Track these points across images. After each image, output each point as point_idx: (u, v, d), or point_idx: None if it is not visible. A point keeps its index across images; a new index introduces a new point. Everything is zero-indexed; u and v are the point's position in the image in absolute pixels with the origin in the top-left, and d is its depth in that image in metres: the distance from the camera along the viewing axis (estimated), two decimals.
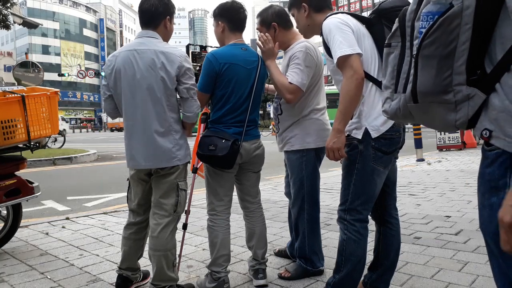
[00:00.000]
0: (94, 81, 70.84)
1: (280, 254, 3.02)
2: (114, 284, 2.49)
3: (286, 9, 2.53)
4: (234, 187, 2.53)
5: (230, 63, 2.28)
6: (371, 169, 1.98)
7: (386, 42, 1.16)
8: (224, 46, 2.41)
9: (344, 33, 1.90)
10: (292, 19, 2.49)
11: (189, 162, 2.35)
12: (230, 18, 2.39)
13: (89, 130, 56.04)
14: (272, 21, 2.50)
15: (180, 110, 2.29)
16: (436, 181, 6.12)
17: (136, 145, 2.22)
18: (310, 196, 2.53)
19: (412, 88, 1.00)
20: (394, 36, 1.11)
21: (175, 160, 2.22)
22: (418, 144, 8.94)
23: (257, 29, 2.61)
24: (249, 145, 2.39)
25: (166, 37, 2.33)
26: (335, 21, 1.95)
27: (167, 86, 2.15)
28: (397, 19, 1.12)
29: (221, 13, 2.41)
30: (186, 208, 2.62)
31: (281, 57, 2.71)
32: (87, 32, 74.25)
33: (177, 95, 2.25)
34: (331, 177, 6.96)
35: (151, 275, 2.34)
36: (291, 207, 2.67)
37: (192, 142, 2.53)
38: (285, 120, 2.54)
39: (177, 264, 2.38)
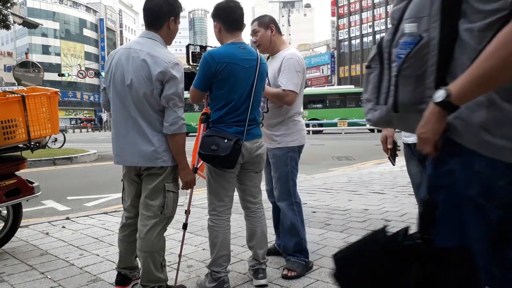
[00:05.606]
0: (94, 81, 70.77)
1: (269, 252, 3.02)
2: (115, 282, 2.50)
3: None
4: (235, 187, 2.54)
5: (227, 63, 2.28)
6: None
7: (367, 64, 1.39)
8: (222, 45, 2.41)
9: None
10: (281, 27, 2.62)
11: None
12: (225, 18, 2.39)
13: (89, 130, 56.04)
14: (270, 23, 2.71)
15: None
16: None
17: (122, 142, 2.23)
18: (295, 189, 2.73)
19: (393, 101, 1.22)
20: (373, 60, 1.33)
21: (160, 161, 2.19)
22: None
23: (253, 29, 2.73)
24: (251, 145, 2.39)
25: (169, 38, 2.31)
26: None
27: (151, 89, 2.12)
28: (375, 46, 1.35)
29: (216, 13, 2.42)
30: (186, 208, 2.62)
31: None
32: (87, 32, 74.18)
33: None
34: (331, 177, 6.96)
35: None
36: (277, 201, 2.75)
37: (192, 142, 2.53)
38: (270, 118, 2.70)
39: (165, 265, 2.35)
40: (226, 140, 2.23)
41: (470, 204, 1.12)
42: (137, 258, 2.49)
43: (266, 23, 2.70)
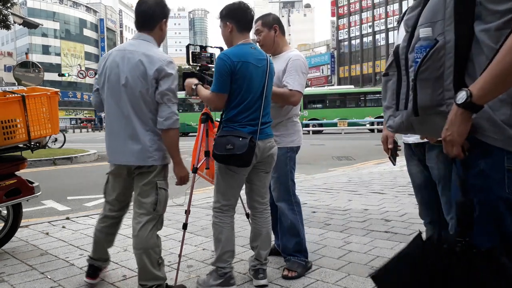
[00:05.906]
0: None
1: (269, 253, 3.03)
2: (86, 274, 2.58)
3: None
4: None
5: (243, 61, 2.29)
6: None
7: (384, 72, 1.41)
8: (232, 46, 2.41)
9: None
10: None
11: (168, 163, 2.33)
12: (239, 18, 2.40)
13: (89, 130, 56.07)
14: (273, 23, 2.71)
15: None
16: None
17: (115, 141, 2.27)
18: (294, 189, 2.74)
19: (413, 105, 1.23)
20: (391, 67, 1.36)
21: (151, 160, 2.23)
22: None
23: (257, 29, 2.70)
24: (264, 144, 2.39)
25: (160, 39, 2.37)
26: None
27: (146, 88, 2.16)
28: (391, 54, 1.38)
29: (229, 14, 2.41)
30: (186, 208, 2.63)
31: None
32: (87, 32, 74.20)
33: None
34: (331, 177, 6.97)
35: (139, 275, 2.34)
36: (277, 202, 2.75)
37: (191, 143, 2.53)
38: None
39: (163, 263, 2.35)
40: (241, 139, 2.23)
41: (503, 204, 1.12)
42: (109, 250, 2.61)
43: (270, 23, 2.70)
